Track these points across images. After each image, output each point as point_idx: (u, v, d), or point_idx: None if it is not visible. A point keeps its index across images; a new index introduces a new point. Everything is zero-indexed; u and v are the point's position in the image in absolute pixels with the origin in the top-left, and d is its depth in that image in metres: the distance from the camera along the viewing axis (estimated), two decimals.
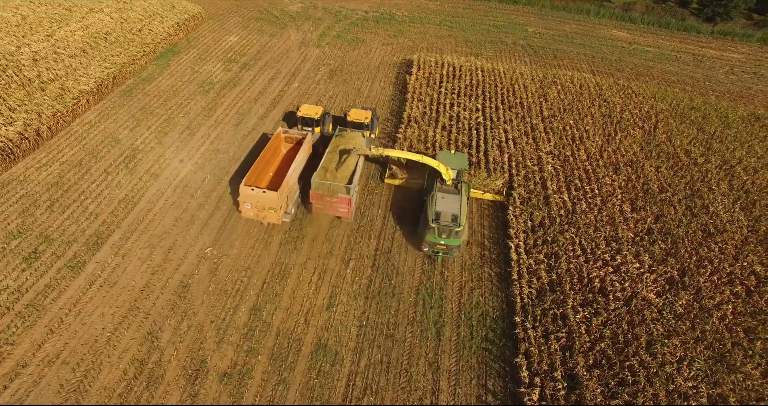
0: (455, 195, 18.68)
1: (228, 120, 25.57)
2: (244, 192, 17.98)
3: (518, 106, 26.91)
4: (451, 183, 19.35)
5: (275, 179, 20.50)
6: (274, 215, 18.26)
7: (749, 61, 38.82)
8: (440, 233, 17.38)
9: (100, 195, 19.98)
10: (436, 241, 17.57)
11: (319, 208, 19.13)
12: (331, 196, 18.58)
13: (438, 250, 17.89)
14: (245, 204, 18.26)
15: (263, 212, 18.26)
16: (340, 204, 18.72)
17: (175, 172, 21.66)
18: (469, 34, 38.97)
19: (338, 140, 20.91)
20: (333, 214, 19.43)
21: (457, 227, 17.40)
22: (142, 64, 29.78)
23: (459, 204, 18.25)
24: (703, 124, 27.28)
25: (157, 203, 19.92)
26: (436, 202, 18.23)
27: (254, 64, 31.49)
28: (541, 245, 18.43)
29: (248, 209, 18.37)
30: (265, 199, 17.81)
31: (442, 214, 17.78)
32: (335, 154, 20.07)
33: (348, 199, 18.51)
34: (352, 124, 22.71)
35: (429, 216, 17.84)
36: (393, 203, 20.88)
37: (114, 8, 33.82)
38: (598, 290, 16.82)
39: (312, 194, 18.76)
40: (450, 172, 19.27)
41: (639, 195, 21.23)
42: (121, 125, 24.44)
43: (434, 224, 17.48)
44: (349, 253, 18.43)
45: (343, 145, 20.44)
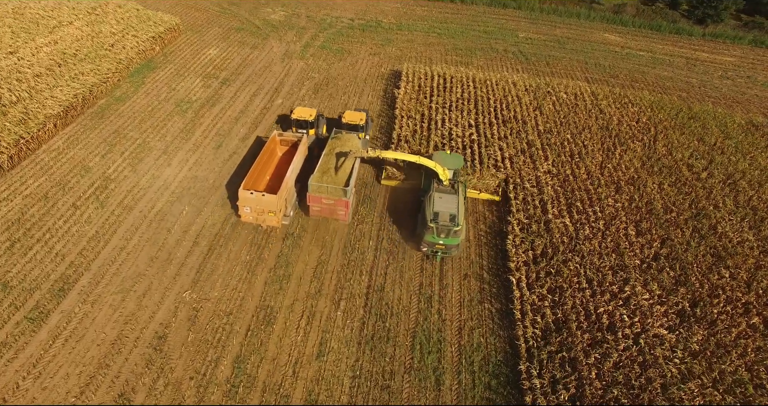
0: (452, 195, 18.78)
1: (207, 143, 24.04)
2: (244, 196, 18.07)
3: (513, 120, 25.76)
4: (448, 183, 19.33)
5: (272, 182, 20.60)
6: (273, 218, 18.36)
7: (742, 65, 38.22)
8: (439, 233, 17.44)
9: (67, 233, 18.41)
10: (434, 240, 17.60)
11: (317, 210, 19.18)
12: (328, 199, 18.66)
13: (437, 249, 17.93)
14: (244, 208, 18.39)
15: (263, 216, 18.38)
16: (338, 206, 18.83)
17: (151, 203, 20.14)
18: (458, 41, 37.76)
19: (334, 143, 20.94)
20: (330, 216, 19.42)
21: (456, 227, 17.42)
22: (114, 82, 28.06)
23: (456, 204, 18.36)
24: (703, 135, 26.42)
25: (130, 239, 18.41)
26: (433, 202, 18.27)
27: (235, 79, 29.93)
28: (544, 278, 17.31)
29: (247, 213, 18.50)
30: (265, 203, 17.96)
31: (441, 214, 17.79)
32: (332, 156, 20.19)
33: (345, 201, 18.61)
34: (346, 126, 22.68)
35: (427, 216, 17.81)
36: (388, 211, 19.61)
37: (85, 21, 31.99)
38: (607, 327, 15.74)
39: (309, 197, 18.85)
40: (447, 172, 19.24)
41: (643, 216, 20.23)
42: (92, 152, 22.80)
43: (433, 223, 17.48)
44: (339, 292, 17.12)
45: (339, 148, 20.47)
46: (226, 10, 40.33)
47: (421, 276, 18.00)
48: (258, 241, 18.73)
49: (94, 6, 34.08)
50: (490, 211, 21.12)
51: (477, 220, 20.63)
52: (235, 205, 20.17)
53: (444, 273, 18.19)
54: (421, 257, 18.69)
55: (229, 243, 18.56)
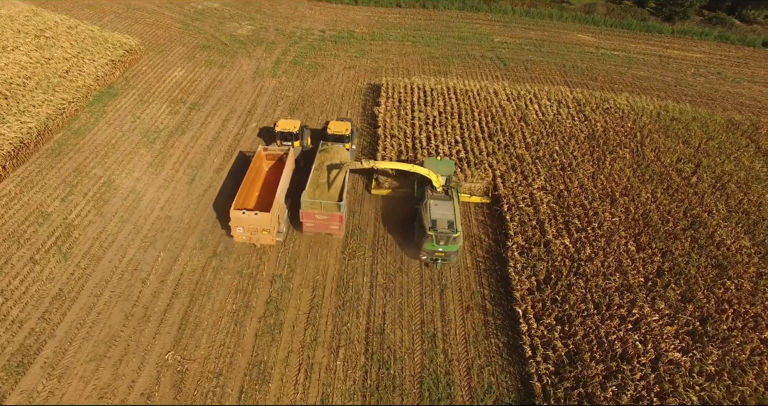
0: (448, 201, 18.79)
1: (179, 177, 22.33)
2: (236, 216, 17.58)
3: (499, 132, 25.06)
4: (441, 190, 19.33)
5: (261, 199, 20.15)
6: (268, 236, 18.02)
7: (711, 61, 38.82)
8: (438, 240, 17.33)
9: (25, 294, 16.50)
10: (434, 248, 17.49)
11: (310, 226, 18.78)
12: (322, 214, 18.33)
13: (436, 257, 17.83)
14: (237, 228, 17.90)
15: (256, 235, 18.00)
16: (332, 222, 18.49)
17: (121, 251, 18.39)
18: (434, 49, 36.93)
19: (323, 155, 20.60)
20: (324, 231, 19.00)
21: (455, 233, 17.40)
22: (72, 113, 25.90)
23: (453, 210, 18.40)
24: (687, 137, 26.38)
25: (101, 296, 16.66)
26: (430, 210, 18.21)
27: (204, 102, 28.17)
28: (550, 306, 16.55)
29: (240, 233, 18.05)
30: (258, 222, 17.56)
31: (438, 221, 17.76)
32: (322, 170, 19.82)
33: (340, 216, 18.31)
34: (332, 138, 22.31)
35: (425, 224, 17.67)
36: (380, 238, 18.47)
37: (34, 45, 29.52)
38: (620, 355, 15.09)
39: (303, 214, 18.39)
40: (440, 179, 19.30)
41: (641, 229, 19.79)
42: (50, 195, 20.78)
43: (431, 231, 17.34)
44: (336, 338, 15.89)
45: (329, 161, 20.20)
46: (189, 26, 38.28)
47: (422, 313, 16.96)
48: (243, 287, 17.30)
49: (42, 28, 31.60)
50: (486, 233, 20.28)
51: (473, 245, 19.74)
52: (215, 246, 18.73)
53: (445, 307, 17.21)
54: (420, 292, 17.66)
55: (212, 292, 17.05)
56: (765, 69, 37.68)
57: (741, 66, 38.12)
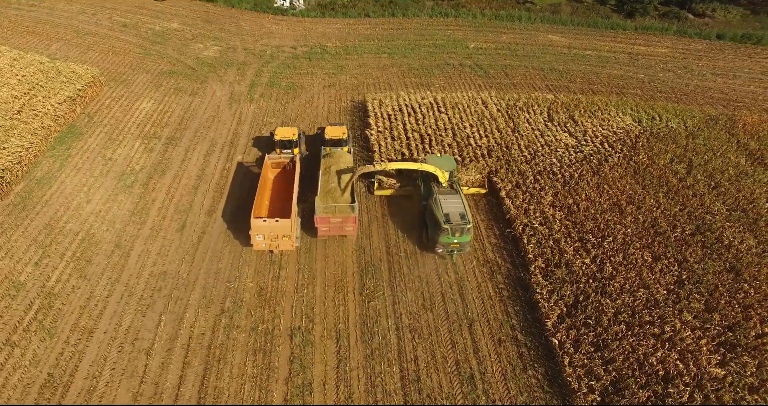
0: (455, 195, 19.68)
1: (168, 225, 20.46)
2: (256, 225, 17.84)
3: (497, 147, 24.66)
4: (447, 185, 20.02)
5: (272, 207, 20.52)
6: (288, 242, 18.35)
7: (676, 56, 40.30)
8: (453, 233, 18.13)
9: (5, 386, 14.38)
10: (449, 241, 18.34)
11: (325, 231, 19.21)
12: (336, 218, 18.79)
13: (452, 249, 18.67)
14: (257, 237, 18.10)
15: (276, 241, 18.30)
16: (346, 224, 18.97)
17: (116, 319, 16.49)
18: (411, 59, 36.25)
19: (328, 160, 21.17)
20: (338, 234, 19.51)
21: (467, 224, 18.27)
22: (31, 160, 23.29)
23: (462, 203, 19.28)
24: (674, 136, 27.00)
25: (100, 376, 14.80)
26: (441, 204, 18.91)
27: (181, 136, 26.16)
28: (585, 331, 16.17)
29: (260, 241, 18.23)
30: (279, 228, 17.89)
31: (451, 214, 18.53)
32: (330, 174, 20.40)
33: (354, 217, 18.86)
34: (330, 142, 22.90)
35: (439, 219, 18.34)
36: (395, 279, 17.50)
37: None
38: (663, 377, 14.89)
39: (317, 219, 18.82)
40: (445, 174, 19.96)
41: (653, 238, 19.86)
42: (20, 259, 18.45)
43: (447, 225, 18.12)
44: (372, 392, 14.78)
45: (335, 165, 20.72)
46: (149, 50, 35.69)
47: (455, 352, 16.17)
48: (261, 345, 15.88)
49: None
50: (502, 257, 19.75)
51: (492, 271, 19.14)
52: (222, 301, 17.19)
53: (477, 343, 16.50)
54: (448, 328, 16.85)
55: (228, 355, 15.54)
56: (724, 61, 39.49)
57: (702, 59, 39.79)
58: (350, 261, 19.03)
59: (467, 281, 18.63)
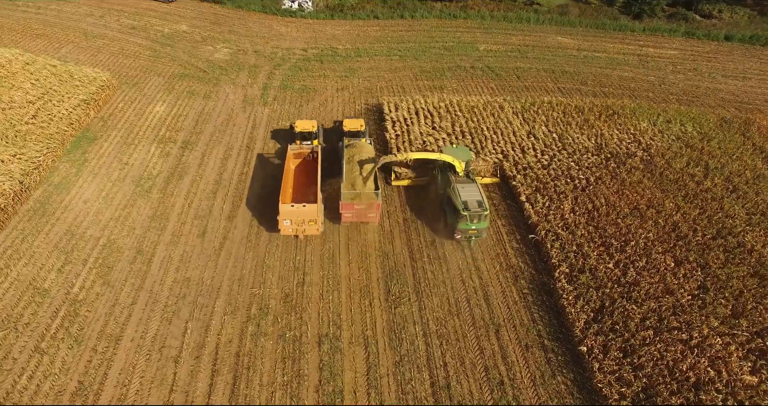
0: (472, 183, 20.51)
1: (188, 230, 20.38)
2: (284, 210, 18.64)
3: (512, 151, 24.65)
4: (463, 174, 20.89)
5: (296, 194, 21.38)
6: (314, 227, 19.10)
7: (685, 57, 40.34)
8: (471, 219, 19.08)
9: (37, 393, 14.36)
10: (468, 227, 19.27)
11: (348, 217, 19.81)
12: (360, 205, 19.44)
13: (470, 235, 19.57)
14: (284, 222, 18.85)
15: (302, 226, 19.03)
16: (369, 210, 19.58)
17: (142, 326, 16.43)
18: (423, 62, 36.18)
19: (351, 151, 21.85)
20: (361, 220, 20.18)
21: (485, 211, 19.18)
22: (49, 165, 23.17)
23: (478, 191, 20.17)
24: (688, 139, 27.04)
25: (130, 385, 14.74)
26: (459, 193, 19.75)
27: (197, 140, 26.05)
28: (611, 336, 16.19)
29: (287, 226, 18.99)
30: (306, 213, 18.71)
31: (469, 202, 19.40)
32: (353, 163, 21.09)
33: (377, 204, 19.58)
34: (349, 134, 23.78)
35: (458, 206, 19.25)
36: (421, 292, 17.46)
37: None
38: (694, 383, 14.92)
39: (342, 205, 19.48)
40: (462, 164, 20.86)
41: (674, 243, 19.89)
42: (43, 265, 18.37)
43: (465, 212, 19.01)
44: (403, 399, 14.76)
45: (357, 155, 21.51)
46: (159, 52, 35.51)
47: (483, 358, 16.18)
48: (290, 353, 15.85)
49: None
50: (525, 262, 19.75)
51: (515, 276, 19.15)
52: (247, 308, 17.15)
53: (505, 348, 16.50)
54: (475, 334, 16.86)
55: (257, 363, 15.50)
56: (733, 63, 39.56)
57: (712, 61, 39.84)
58: (374, 267, 19.01)
59: (491, 286, 18.63)
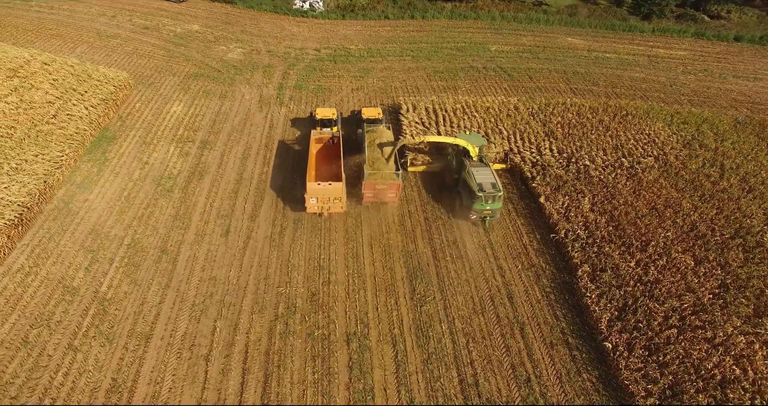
0: (485, 167, 21.48)
1: (212, 230, 20.55)
2: (312, 188, 19.76)
3: (531, 152, 24.83)
4: (477, 158, 21.88)
5: (319, 174, 22.13)
6: (338, 204, 20.31)
7: (695, 58, 40.53)
8: (486, 200, 20.16)
9: (74, 389, 14.53)
10: (483, 207, 20.39)
11: (370, 197, 21.08)
12: (381, 184, 20.67)
13: (485, 215, 20.77)
14: (310, 200, 19.98)
15: (327, 204, 20.24)
16: (390, 190, 20.81)
17: (171, 325, 16.61)
18: (435, 62, 36.34)
19: (372, 135, 22.95)
20: (382, 200, 21.35)
21: (498, 192, 20.22)
22: (71, 164, 23.32)
23: (492, 174, 21.15)
24: (702, 139, 27.24)
25: (162, 382, 14.92)
26: (474, 176, 20.68)
27: (215, 140, 26.22)
28: (635, 334, 16.39)
29: (313, 204, 20.16)
30: (331, 191, 19.92)
31: (484, 184, 20.39)
32: (374, 147, 22.13)
33: (398, 184, 20.87)
34: (367, 121, 25.03)
35: (473, 188, 20.27)
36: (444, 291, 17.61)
37: (8, 88, 26.26)
38: (719, 382, 15.11)
39: (365, 185, 20.69)
40: (475, 149, 21.81)
41: (693, 242, 20.09)
42: (71, 265, 18.54)
43: (481, 193, 20.04)
44: (433, 397, 14.96)
45: (377, 139, 22.58)
46: (173, 52, 35.65)
47: (509, 356, 16.36)
48: (319, 351, 16.02)
49: (13, 67, 28.22)
50: (546, 262, 19.94)
51: (537, 275, 19.33)
52: (275, 306, 17.34)
53: (530, 346, 16.69)
54: (500, 332, 17.05)
55: (287, 361, 15.68)
56: (743, 63, 39.75)
57: (722, 61, 40.03)
58: (398, 266, 19.19)
59: (514, 285, 18.82)
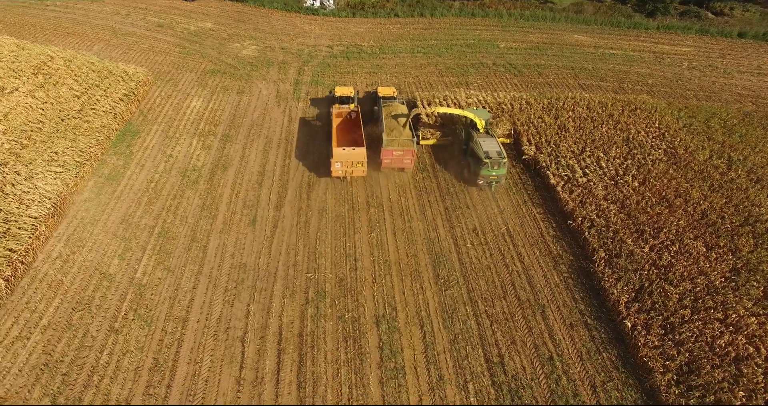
0: (491, 137, 23.63)
1: (239, 219, 21.22)
2: (338, 152, 21.96)
3: (545, 145, 25.56)
4: (483, 130, 23.99)
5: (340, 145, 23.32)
6: (360, 168, 22.39)
7: (700, 54, 41.27)
8: (492, 166, 22.18)
9: (119, 368, 15.20)
10: (489, 173, 22.41)
11: (387, 163, 23.25)
12: (398, 151, 22.85)
13: (491, 180, 22.74)
14: (336, 164, 22.11)
15: (351, 168, 22.33)
16: (405, 156, 23.03)
17: (206, 309, 17.28)
18: (446, 59, 37.04)
19: (388, 109, 25.37)
20: (398, 166, 23.56)
21: (504, 159, 22.28)
22: (98, 157, 23.98)
23: (497, 143, 23.19)
24: (711, 133, 27.96)
25: (201, 362, 15.59)
26: (480, 145, 22.76)
27: (236, 134, 26.88)
28: (652, 314, 17.11)
29: (338, 168, 22.28)
30: (355, 155, 22.04)
31: (490, 151, 22.37)
32: (390, 118, 24.54)
33: (412, 150, 23.01)
34: (383, 98, 27.22)
35: (480, 155, 22.31)
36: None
37: (34, 84, 27.00)
38: (734, 358, 15.82)
39: (384, 152, 22.81)
40: (482, 121, 23.94)
41: (705, 230, 20.80)
42: (105, 252, 19.20)
43: (487, 160, 22.08)
44: (461, 374, 15.64)
45: (394, 112, 24.98)
46: (188, 49, 36.30)
47: (532, 336, 17.05)
48: (350, 333, 16.69)
49: (36, 64, 28.93)
50: (563, 248, 20.64)
51: (555, 261, 20.04)
52: (305, 291, 18.03)
53: (551, 327, 17.38)
54: (522, 314, 17.73)
55: (319, 342, 16.35)
56: (747, 59, 40.50)
57: (726, 57, 40.77)
58: (422, 253, 19.88)
59: (533, 270, 19.52)
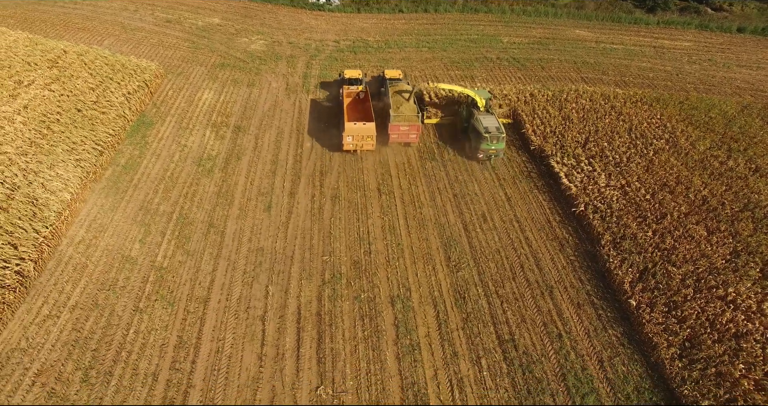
0: (491, 115, 25.27)
1: (254, 206, 21.84)
2: (350, 127, 23.45)
3: (551, 135, 26.22)
4: (484, 109, 25.52)
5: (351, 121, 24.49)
6: (370, 142, 23.94)
7: (699, 49, 41.95)
8: (492, 140, 23.72)
9: (146, 345, 15.84)
10: (489, 147, 23.90)
11: (394, 138, 24.76)
12: (404, 126, 24.33)
13: (490, 154, 24.21)
14: (347, 138, 23.62)
15: (361, 142, 23.86)
16: (411, 131, 24.48)
17: (226, 290, 17.91)
18: (451, 53, 37.66)
19: (394, 87, 26.94)
20: (404, 140, 25.07)
21: (502, 134, 23.93)
22: (115, 147, 24.57)
23: (497, 120, 24.88)
24: (712, 124, 28.64)
25: (224, 339, 16.22)
26: (481, 121, 24.35)
27: (248, 124, 27.48)
28: (656, 293, 17.80)
29: (349, 141, 23.73)
30: (365, 130, 23.60)
31: (489, 127, 23.93)
32: (397, 96, 25.98)
33: (418, 125, 24.57)
34: (390, 80, 28.88)
35: (480, 131, 23.84)
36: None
37: (50, 77, 27.56)
38: (734, 334, 16.51)
39: (391, 127, 24.38)
40: (482, 100, 25.45)
41: (706, 215, 21.49)
42: (126, 237, 19.81)
43: (487, 134, 23.66)
44: (474, 350, 16.30)
45: (399, 89, 26.56)
46: (197, 44, 36.86)
47: (541, 315, 17.73)
48: (366, 312, 17.35)
49: (51, 58, 29.49)
50: (569, 233, 21.31)
51: (562, 245, 20.71)
52: (321, 273, 18.68)
53: (559, 306, 18.06)
54: (531, 295, 18.40)
55: (337, 321, 17.00)
56: (747, 53, 41.19)
57: (725, 52, 41.46)
58: (433, 237, 20.52)
59: (540, 253, 20.19)
